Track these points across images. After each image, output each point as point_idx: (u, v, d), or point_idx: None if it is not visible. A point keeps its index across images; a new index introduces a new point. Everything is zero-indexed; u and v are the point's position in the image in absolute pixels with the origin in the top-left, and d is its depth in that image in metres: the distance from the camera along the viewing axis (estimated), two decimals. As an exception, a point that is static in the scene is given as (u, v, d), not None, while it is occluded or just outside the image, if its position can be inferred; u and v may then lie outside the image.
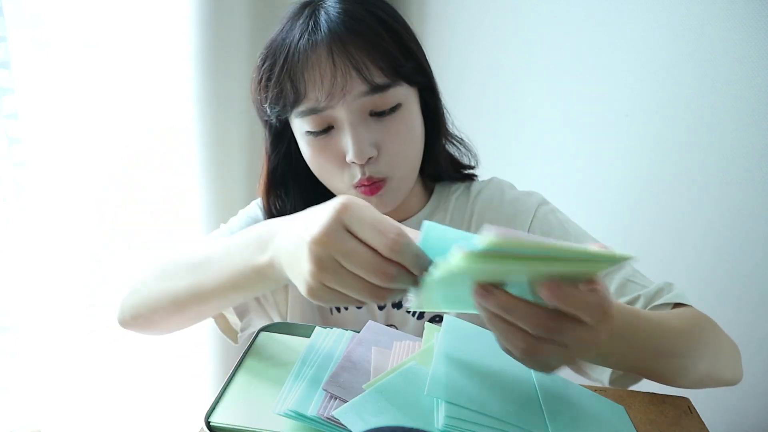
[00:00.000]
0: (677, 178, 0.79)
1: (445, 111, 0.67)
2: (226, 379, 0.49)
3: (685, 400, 0.59)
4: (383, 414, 0.40)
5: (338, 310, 0.71)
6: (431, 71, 0.64)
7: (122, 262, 1.14)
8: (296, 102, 0.58)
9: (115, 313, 0.62)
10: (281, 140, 0.66)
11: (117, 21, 1.02)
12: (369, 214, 0.39)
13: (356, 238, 0.38)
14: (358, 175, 0.59)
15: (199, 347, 1.20)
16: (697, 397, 0.70)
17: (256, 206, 0.74)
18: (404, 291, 0.39)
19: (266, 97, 0.60)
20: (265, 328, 0.58)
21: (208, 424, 0.44)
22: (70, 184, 1.04)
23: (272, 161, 0.68)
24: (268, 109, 0.61)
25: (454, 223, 0.69)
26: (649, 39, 0.81)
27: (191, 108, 1.06)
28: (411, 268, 0.38)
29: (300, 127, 0.60)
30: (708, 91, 0.74)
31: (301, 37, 0.57)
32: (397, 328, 0.67)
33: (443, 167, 0.70)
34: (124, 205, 1.11)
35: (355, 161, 0.57)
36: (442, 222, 0.60)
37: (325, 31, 0.56)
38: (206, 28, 1.02)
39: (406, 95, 0.59)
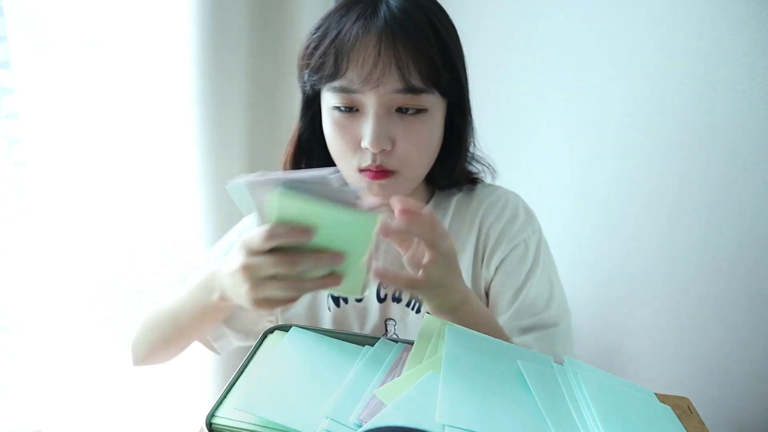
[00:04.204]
0: (679, 178, 0.79)
1: (471, 132, 0.69)
2: (230, 381, 0.49)
3: (685, 400, 0.59)
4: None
5: (337, 304, 0.72)
6: (467, 91, 0.66)
7: (122, 262, 1.14)
8: (333, 77, 0.60)
9: (130, 360, 0.74)
10: (310, 108, 0.69)
11: (117, 21, 1.02)
12: (253, 234, 0.50)
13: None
14: (368, 161, 0.61)
15: (199, 347, 1.20)
16: (697, 397, 0.71)
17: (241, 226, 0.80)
18: (327, 281, 0.51)
19: (308, 64, 0.63)
20: (271, 330, 0.58)
21: (209, 425, 0.44)
22: (70, 184, 1.04)
23: (301, 127, 0.71)
24: (306, 76, 0.64)
25: (455, 224, 0.71)
26: (650, 39, 0.81)
27: (191, 108, 1.06)
28: (290, 237, 0.48)
29: (329, 101, 0.63)
30: (708, 91, 0.74)
31: (357, 19, 0.59)
32: (395, 323, 0.70)
33: (457, 183, 0.72)
34: (124, 205, 1.11)
35: (370, 148, 0.60)
36: (443, 221, 0.68)
37: (381, 21, 0.58)
38: (206, 27, 1.02)
39: (435, 103, 0.62)
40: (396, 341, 0.57)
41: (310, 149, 0.71)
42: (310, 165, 0.72)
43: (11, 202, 0.98)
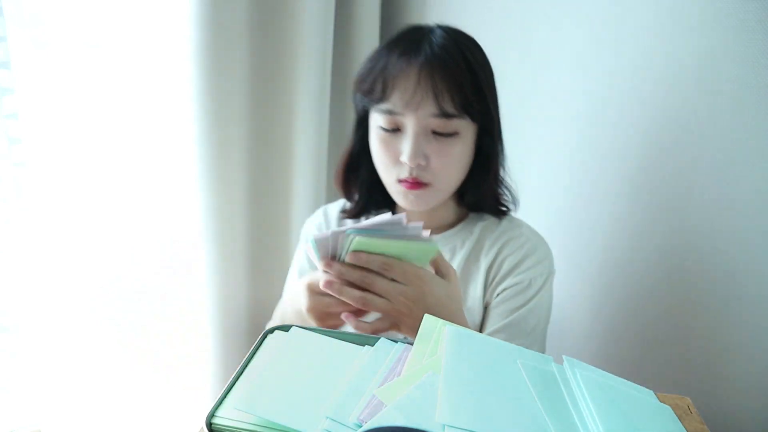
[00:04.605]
0: (680, 178, 0.79)
1: (501, 157, 0.79)
2: (230, 381, 0.49)
3: (685, 400, 0.59)
4: None
5: None
6: (497, 120, 0.76)
7: (122, 262, 1.14)
8: (380, 100, 0.71)
9: None
10: (360, 127, 0.81)
11: (117, 21, 1.02)
12: (315, 280, 0.64)
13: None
14: (406, 174, 0.72)
15: (199, 348, 1.21)
16: (697, 397, 0.71)
17: (319, 214, 0.93)
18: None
19: (360, 88, 0.74)
20: (271, 330, 0.58)
21: (209, 425, 0.44)
22: (70, 184, 1.04)
23: (353, 142, 0.83)
24: (358, 98, 0.76)
25: (476, 247, 0.81)
26: (650, 39, 0.81)
27: (191, 108, 1.06)
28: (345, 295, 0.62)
29: (376, 120, 0.74)
30: (710, 92, 0.74)
31: (402, 53, 0.69)
32: None
33: (485, 202, 0.82)
34: (124, 204, 1.11)
35: (407, 163, 0.70)
36: (467, 240, 0.82)
37: (422, 57, 0.68)
38: (206, 27, 1.02)
39: (466, 128, 0.71)
40: (396, 341, 0.57)
41: (359, 161, 0.83)
42: (358, 174, 0.84)
43: (11, 202, 0.98)
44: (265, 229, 1.22)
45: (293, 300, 0.74)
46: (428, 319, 0.55)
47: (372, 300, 0.61)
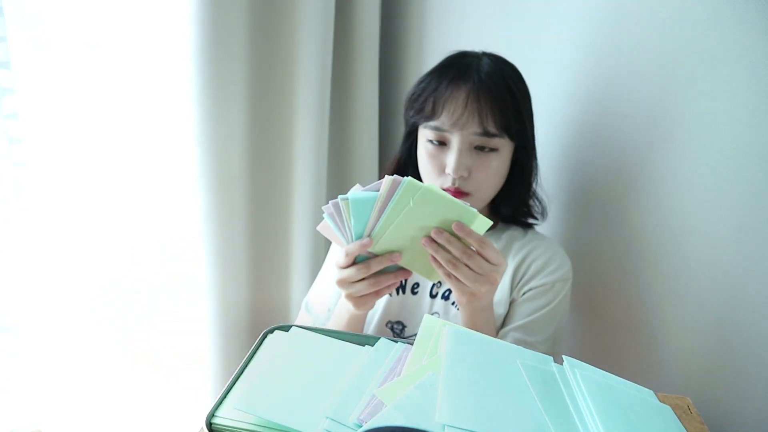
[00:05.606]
0: (679, 177, 0.79)
1: (535, 173, 0.87)
2: (230, 381, 0.49)
3: (685, 400, 0.59)
4: None
5: (397, 293, 0.88)
6: (532, 139, 0.85)
7: (122, 262, 1.14)
8: (430, 118, 0.80)
9: None
10: (408, 139, 0.89)
11: (117, 21, 1.02)
12: (339, 256, 0.69)
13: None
14: (449, 183, 0.80)
15: (199, 347, 1.21)
16: (697, 397, 0.71)
17: None
18: (399, 274, 0.70)
19: (412, 106, 0.83)
20: (271, 330, 0.58)
21: (209, 425, 0.44)
22: (70, 184, 1.04)
23: (401, 151, 0.91)
24: (410, 114, 0.84)
25: (504, 251, 0.88)
26: (650, 39, 0.81)
27: (191, 108, 1.06)
28: (360, 251, 0.66)
29: (425, 134, 0.82)
30: (707, 92, 0.74)
31: (453, 78, 0.79)
32: (439, 315, 0.86)
33: (517, 212, 0.89)
34: (124, 204, 1.11)
35: (451, 174, 0.78)
36: (495, 243, 0.88)
37: (470, 83, 0.77)
38: (206, 27, 1.02)
39: (504, 145, 0.80)
40: (396, 341, 0.58)
41: (405, 169, 0.91)
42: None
43: (11, 202, 0.98)
44: (265, 229, 1.22)
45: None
46: (428, 319, 0.55)
47: (461, 268, 0.66)
